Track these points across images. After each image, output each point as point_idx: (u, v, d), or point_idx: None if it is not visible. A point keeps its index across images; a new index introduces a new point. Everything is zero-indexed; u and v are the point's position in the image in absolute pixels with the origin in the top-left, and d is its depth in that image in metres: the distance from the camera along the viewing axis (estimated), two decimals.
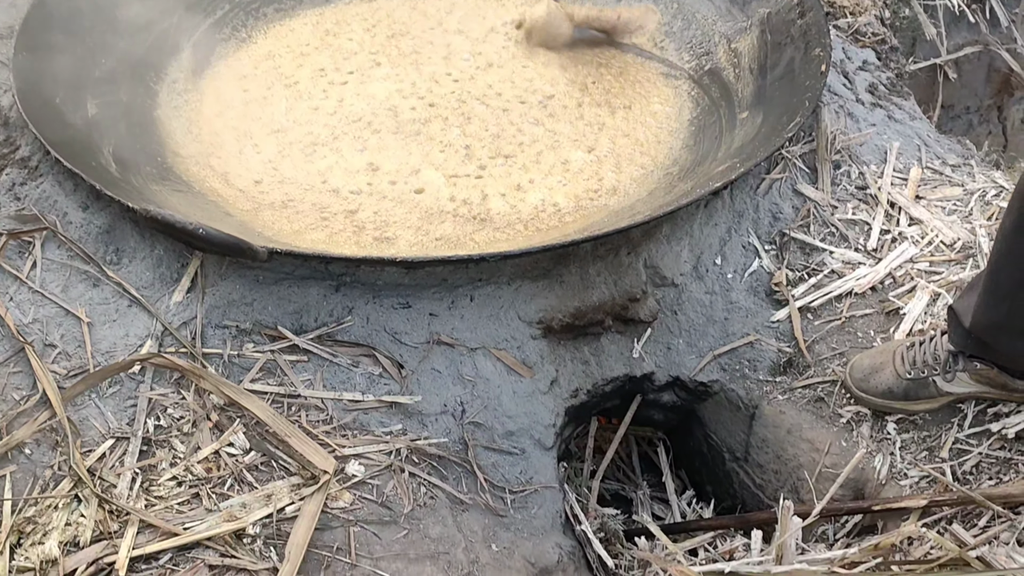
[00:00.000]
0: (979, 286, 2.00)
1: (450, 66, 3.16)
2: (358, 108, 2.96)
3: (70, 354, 2.19)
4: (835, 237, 2.65)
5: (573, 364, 2.47)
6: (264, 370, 2.23)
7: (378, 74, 3.10)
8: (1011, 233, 1.90)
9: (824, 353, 2.44)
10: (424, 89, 3.05)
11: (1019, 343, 2.04)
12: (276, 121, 2.92)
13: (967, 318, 2.04)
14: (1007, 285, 1.94)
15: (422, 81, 3.09)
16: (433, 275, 2.35)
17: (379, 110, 2.95)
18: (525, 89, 3.08)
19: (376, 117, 2.93)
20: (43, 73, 2.70)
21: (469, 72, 3.14)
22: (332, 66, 3.14)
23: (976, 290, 2.01)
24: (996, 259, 1.94)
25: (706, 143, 2.89)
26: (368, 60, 3.17)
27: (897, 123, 3.02)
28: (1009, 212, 1.90)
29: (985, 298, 1.98)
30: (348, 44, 3.26)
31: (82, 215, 2.42)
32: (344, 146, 2.82)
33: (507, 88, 3.06)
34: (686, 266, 2.57)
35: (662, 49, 3.32)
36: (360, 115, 2.93)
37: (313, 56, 3.20)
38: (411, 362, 2.28)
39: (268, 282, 2.32)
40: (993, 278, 1.95)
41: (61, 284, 2.31)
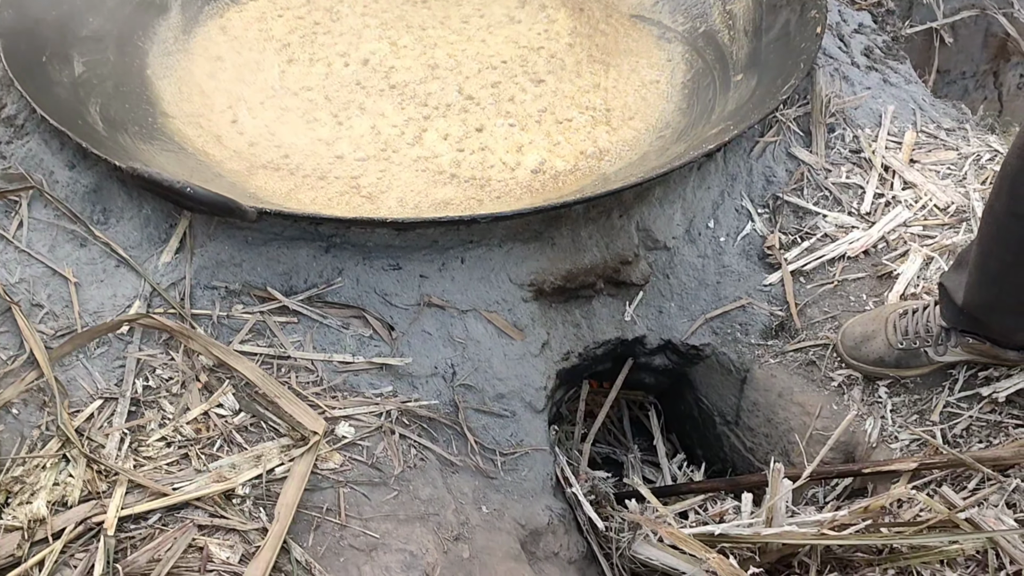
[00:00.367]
0: (969, 264, 1.98)
1: (447, 27, 3.12)
2: (352, 70, 2.92)
3: (57, 314, 2.17)
4: (828, 201, 2.64)
5: (564, 327, 2.46)
6: (253, 331, 2.21)
7: (372, 35, 3.06)
8: (1001, 216, 1.88)
9: (816, 317, 2.43)
10: (421, 50, 3.01)
11: (1011, 320, 2.04)
12: (269, 82, 2.88)
13: (959, 296, 2.03)
14: (996, 267, 1.93)
15: (417, 42, 3.05)
16: (424, 237, 2.34)
17: (375, 71, 2.92)
18: (522, 50, 3.04)
19: (372, 79, 2.90)
20: (29, 31, 2.66)
21: (467, 32, 3.09)
22: (324, 27, 3.09)
23: (966, 267, 2.00)
24: (986, 241, 1.93)
25: (699, 106, 2.86)
26: (361, 21, 3.12)
27: (892, 87, 3.00)
28: (998, 195, 1.88)
29: (977, 277, 1.97)
30: (340, 5, 3.21)
31: (69, 174, 2.39)
32: (339, 108, 2.79)
33: (504, 49, 3.02)
34: (678, 229, 2.56)
35: (657, 11, 3.28)
36: (355, 77, 2.90)
37: (305, 17, 3.15)
38: (401, 324, 2.27)
39: (257, 243, 2.30)
40: (983, 259, 1.94)
41: (48, 244, 2.28)
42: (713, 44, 3.09)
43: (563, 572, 2.17)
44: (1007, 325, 2.05)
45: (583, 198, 2.28)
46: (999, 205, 1.87)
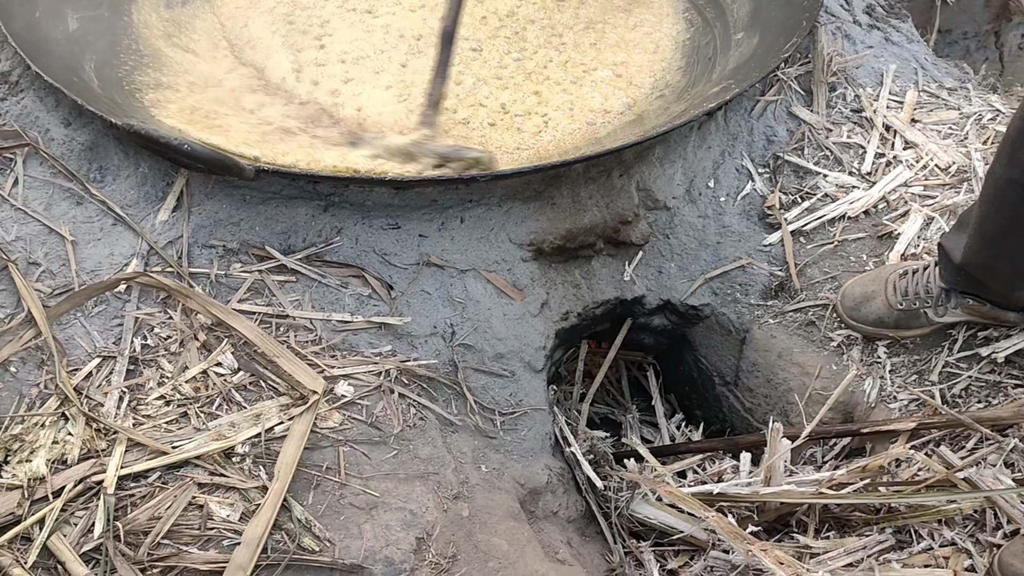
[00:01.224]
0: (969, 225, 1.98)
1: None
2: (367, 26, 2.88)
3: (54, 273, 2.16)
4: (829, 160, 2.63)
5: (564, 287, 2.45)
6: (252, 290, 2.20)
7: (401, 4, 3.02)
8: (1000, 179, 1.87)
9: (816, 277, 2.43)
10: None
11: (1009, 282, 2.04)
12: (271, 39, 2.83)
13: (957, 255, 2.03)
14: (994, 231, 1.93)
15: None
16: (423, 196, 2.32)
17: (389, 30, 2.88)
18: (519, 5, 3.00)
19: (384, 37, 2.87)
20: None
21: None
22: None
23: (966, 229, 1.99)
24: (985, 203, 1.93)
25: (700, 65, 2.84)
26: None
27: (894, 45, 2.98)
28: (999, 158, 1.87)
29: (975, 239, 1.97)
30: None
31: (64, 131, 2.37)
32: (348, 61, 2.75)
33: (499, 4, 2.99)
34: (679, 189, 2.54)
35: None
36: (371, 29, 2.86)
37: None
38: (400, 283, 2.26)
39: (255, 201, 2.29)
40: (981, 221, 1.94)
41: (44, 202, 2.27)
42: (713, 1, 3.06)
43: (562, 531, 2.17)
44: (1005, 286, 2.05)
45: (583, 157, 2.27)
46: (999, 168, 1.87)
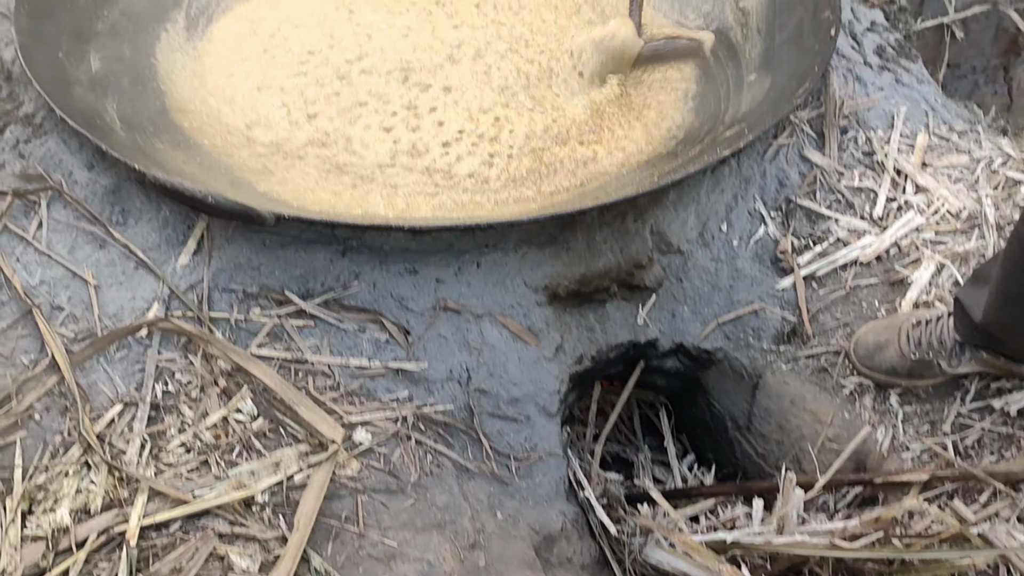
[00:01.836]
0: (989, 282, 1.99)
1: (460, 17, 3.11)
2: (372, 62, 2.90)
3: (77, 317, 2.19)
4: (841, 204, 2.65)
5: (578, 331, 2.47)
6: (271, 335, 2.23)
7: (392, 30, 3.04)
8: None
9: (828, 323, 2.45)
10: (440, 43, 3.00)
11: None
12: (281, 75, 2.87)
13: (976, 313, 2.04)
14: (1017, 291, 1.94)
15: (438, 32, 3.04)
16: (440, 240, 2.35)
17: (395, 65, 2.90)
18: (536, 48, 3.03)
19: (392, 73, 2.89)
20: (46, 26, 2.66)
21: (486, 21, 3.08)
22: (337, 16, 3.07)
23: (985, 285, 2.01)
24: (1010, 263, 1.93)
25: (712, 105, 2.86)
26: (377, 14, 3.10)
27: (905, 87, 3.00)
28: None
29: (997, 298, 1.98)
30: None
31: (88, 174, 2.40)
32: (354, 101, 2.78)
33: (521, 46, 3.01)
34: (692, 232, 2.57)
35: (669, 8, 3.27)
36: (373, 68, 2.88)
37: (317, 9, 3.13)
38: (417, 328, 2.29)
39: (275, 246, 2.32)
40: (1005, 281, 1.95)
41: (67, 245, 2.30)
42: (726, 42, 3.08)
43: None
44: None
45: (599, 204, 2.30)
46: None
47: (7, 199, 2.33)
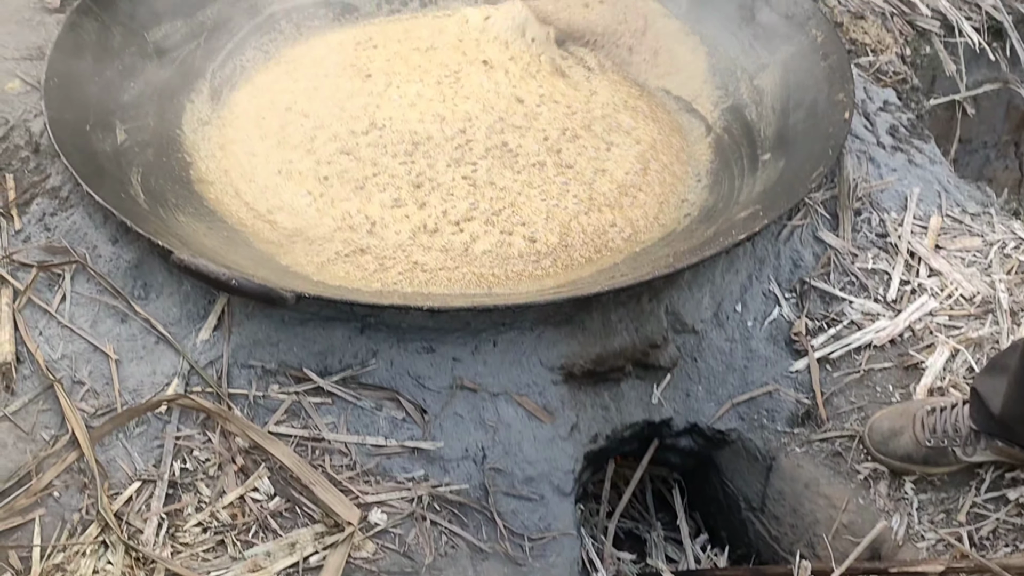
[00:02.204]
0: (1007, 372, 2.01)
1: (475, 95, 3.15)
2: (386, 137, 2.93)
3: (98, 392, 2.22)
4: (855, 287, 2.67)
5: (593, 409, 2.49)
6: (289, 412, 2.25)
7: (403, 100, 3.08)
8: None
9: (843, 407, 2.46)
10: (453, 116, 3.04)
11: None
12: (298, 157, 2.90)
13: (994, 403, 2.05)
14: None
15: (451, 107, 3.07)
16: (457, 318, 2.37)
17: (408, 139, 2.93)
18: (546, 120, 3.07)
19: (406, 147, 2.91)
20: (74, 99, 2.71)
21: (494, 99, 3.12)
22: (355, 88, 3.12)
23: (1003, 374, 2.02)
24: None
25: (727, 184, 2.90)
26: (391, 86, 3.14)
27: (917, 167, 3.03)
28: None
29: (1016, 390, 1.99)
30: (369, 65, 3.24)
31: (112, 248, 2.44)
32: (368, 178, 2.81)
33: (534, 120, 3.04)
34: (707, 313, 2.59)
35: (683, 85, 3.31)
36: (388, 144, 2.91)
37: (333, 80, 3.17)
38: (434, 407, 2.31)
39: (294, 323, 2.34)
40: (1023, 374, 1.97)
41: (90, 319, 2.33)
42: (740, 119, 3.13)
43: None
44: None
45: (615, 286, 2.32)
46: None
47: (32, 272, 2.36)
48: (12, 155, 2.66)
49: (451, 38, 3.39)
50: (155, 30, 3.07)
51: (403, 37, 3.41)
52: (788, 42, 3.14)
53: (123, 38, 2.98)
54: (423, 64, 3.25)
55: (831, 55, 2.99)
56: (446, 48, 3.34)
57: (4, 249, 2.42)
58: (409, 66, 3.24)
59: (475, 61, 3.26)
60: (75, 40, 2.83)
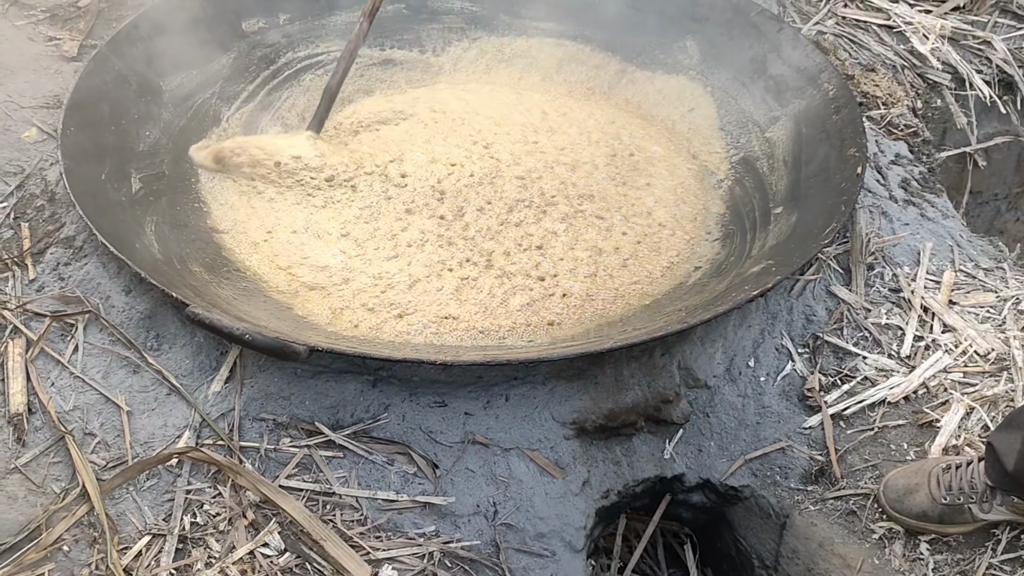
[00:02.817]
0: (1022, 430, 1.99)
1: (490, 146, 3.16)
2: (406, 193, 2.94)
3: (109, 444, 2.21)
4: (868, 342, 2.66)
5: (605, 465, 2.47)
6: (300, 466, 2.24)
7: (421, 157, 3.08)
8: None
9: (857, 464, 2.44)
10: (471, 170, 3.04)
11: None
12: (315, 199, 2.91)
13: (1009, 460, 2.04)
14: None
15: (469, 163, 3.07)
16: (469, 372, 2.37)
17: (427, 192, 2.94)
18: (560, 180, 3.07)
19: (424, 201, 2.92)
20: (90, 148, 2.72)
21: (509, 154, 3.12)
22: (375, 145, 3.13)
23: (1019, 431, 2.01)
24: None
25: (739, 237, 2.90)
26: (411, 144, 3.15)
27: (930, 221, 3.03)
28: None
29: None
30: (392, 130, 3.24)
31: (125, 299, 2.44)
32: (387, 230, 2.82)
33: (546, 178, 3.04)
34: (719, 368, 2.58)
35: (694, 136, 3.33)
36: (407, 200, 2.91)
37: (354, 134, 3.20)
38: (445, 461, 2.30)
39: (306, 376, 2.34)
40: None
41: (102, 370, 2.33)
42: (752, 171, 3.13)
43: None
44: None
45: (628, 342, 2.31)
46: None
47: (45, 322, 2.37)
48: (27, 204, 2.67)
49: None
50: (171, 78, 3.10)
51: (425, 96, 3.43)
52: (800, 95, 3.16)
53: (139, 87, 3.00)
54: (446, 120, 3.27)
55: (843, 108, 3.01)
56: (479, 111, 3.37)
57: (18, 299, 2.42)
58: (432, 121, 3.26)
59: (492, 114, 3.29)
60: (92, 89, 2.86)
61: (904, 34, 3.71)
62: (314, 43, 3.48)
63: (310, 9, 3.49)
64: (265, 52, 3.38)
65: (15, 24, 3.29)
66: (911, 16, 3.75)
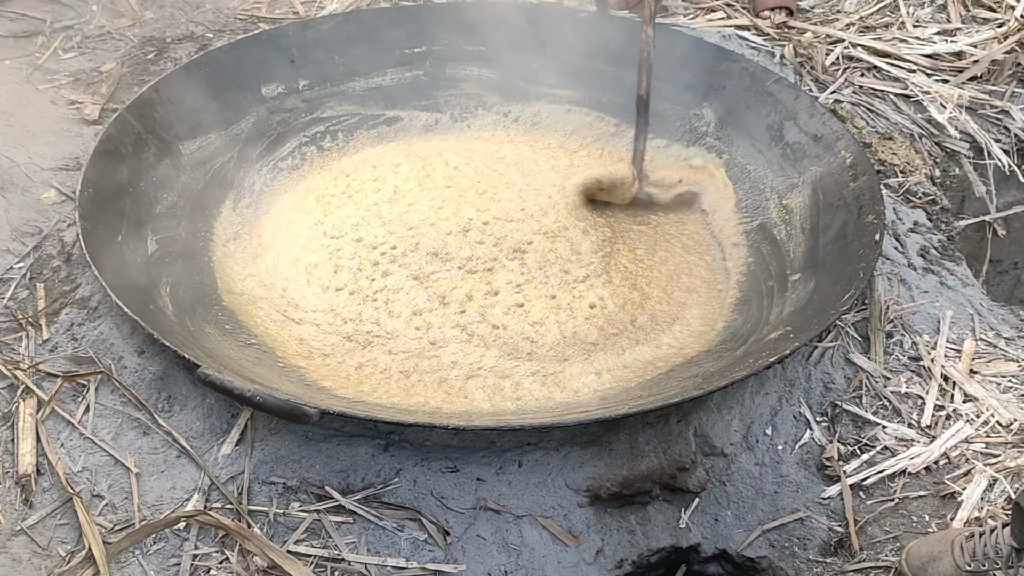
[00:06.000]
0: None
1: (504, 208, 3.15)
2: (418, 257, 2.91)
3: (117, 506, 2.19)
4: (888, 411, 2.62)
5: (619, 533, 2.43)
6: (309, 530, 2.21)
7: (439, 215, 3.06)
8: None
9: (877, 536, 2.38)
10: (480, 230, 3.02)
11: None
12: (329, 262, 2.91)
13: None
14: None
15: (479, 221, 3.06)
16: (482, 437, 2.34)
17: (440, 252, 2.92)
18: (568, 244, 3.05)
19: (439, 262, 2.90)
20: (107, 210, 2.73)
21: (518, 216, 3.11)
22: (386, 206, 3.12)
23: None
24: None
25: (756, 304, 2.88)
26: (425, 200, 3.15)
27: (950, 290, 3.00)
28: None
29: None
30: (405, 187, 3.24)
31: (137, 360, 2.43)
32: (408, 290, 2.80)
33: (556, 243, 3.03)
34: (736, 435, 2.54)
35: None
36: (419, 263, 2.89)
37: (367, 195, 3.19)
38: (457, 528, 2.26)
39: (317, 439, 2.32)
40: None
41: (112, 431, 2.31)
42: (769, 238, 3.12)
43: None
44: None
45: (643, 408, 2.28)
46: None
47: (57, 382, 2.36)
48: (44, 264, 2.68)
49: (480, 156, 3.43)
50: (190, 142, 3.12)
51: (435, 153, 3.45)
52: (817, 162, 3.15)
53: (159, 150, 3.03)
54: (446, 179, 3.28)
55: (861, 176, 2.99)
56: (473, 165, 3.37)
57: (30, 358, 2.42)
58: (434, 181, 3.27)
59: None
60: (111, 151, 2.88)
61: (921, 103, 3.71)
62: (332, 108, 3.50)
63: (330, 75, 3.53)
64: (284, 117, 3.41)
65: (38, 88, 3.34)
66: (928, 85, 3.75)
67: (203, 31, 3.72)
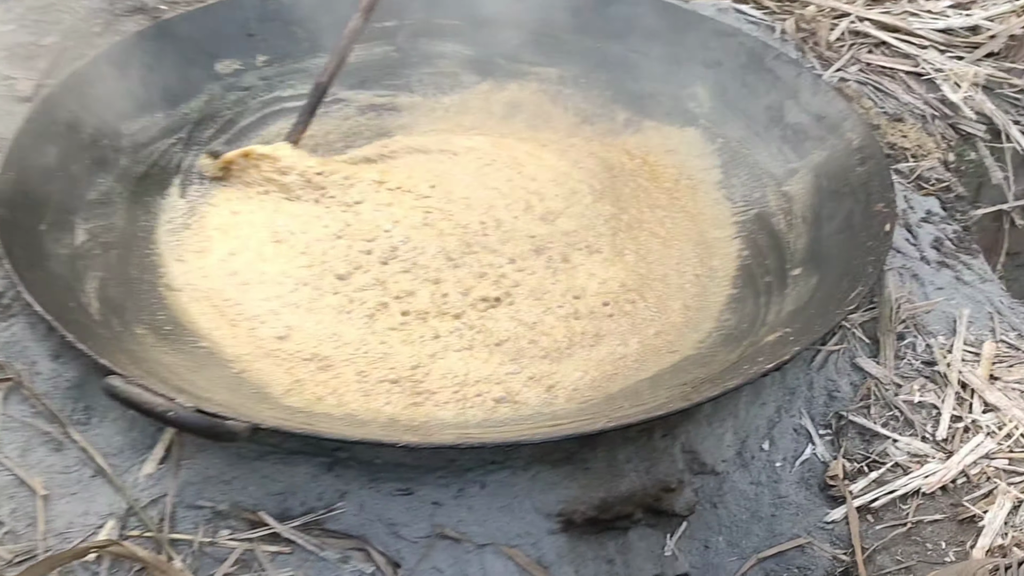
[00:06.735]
0: None
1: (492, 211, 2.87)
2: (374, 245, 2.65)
3: (19, 534, 1.93)
4: (899, 422, 2.37)
5: (595, 563, 2.17)
6: (240, 563, 1.95)
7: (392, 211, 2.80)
8: None
9: (887, 566, 2.14)
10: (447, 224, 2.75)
11: None
12: (288, 258, 2.64)
13: None
14: None
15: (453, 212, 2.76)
16: (440, 455, 2.09)
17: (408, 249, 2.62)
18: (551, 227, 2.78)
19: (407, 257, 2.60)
20: (30, 196, 2.46)
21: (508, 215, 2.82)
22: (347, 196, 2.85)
23: None
24: None
25: (752, 302, 2.62)
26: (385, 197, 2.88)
27: (966, 285, 2.76)
28: None
29: None
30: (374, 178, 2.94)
31: (52, 365, 2.18)
32: (368, 287, 2.53)
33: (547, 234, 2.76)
34: (729, 451, 2.30)
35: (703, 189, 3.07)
36: (385, 257, 2.59)
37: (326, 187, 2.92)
38: (409, 559, 2.00)
39: (251, 457, 2.06)
40: None
41: (20, 447, 2.05)
42: (767, 229, 2.85)
43: None
44: None
45: (623, 423, 2.03)
46: None
47: None
48: None
49: None
50: (132, 122, 2.86)
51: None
52: (820, 145, 2.90)
53: (96, 130, 2.75)
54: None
55: (869, 160, 2.74)
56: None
57: None
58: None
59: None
60: (40, 132, 2.60)
61: (934, 82, 3.48)
62: (294, 87, 3.23)
63: (291, 51, 3.26)
64: (240, 95, 3.14)
65: None
66: (942, 63, 3.52)
67: (155, 3, 3.45)
